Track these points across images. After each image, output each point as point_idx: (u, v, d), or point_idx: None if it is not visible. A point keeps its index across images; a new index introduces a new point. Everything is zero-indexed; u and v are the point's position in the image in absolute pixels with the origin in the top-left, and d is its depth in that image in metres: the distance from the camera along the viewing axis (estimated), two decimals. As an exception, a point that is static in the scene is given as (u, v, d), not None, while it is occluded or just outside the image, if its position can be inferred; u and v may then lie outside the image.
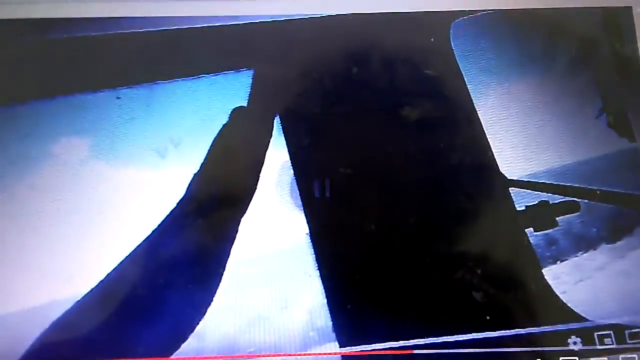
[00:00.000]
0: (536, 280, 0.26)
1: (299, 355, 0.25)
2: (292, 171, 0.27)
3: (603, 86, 0.29)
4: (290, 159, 0.27)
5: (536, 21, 0.30)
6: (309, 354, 0.25)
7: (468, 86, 0.28)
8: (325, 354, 0.25)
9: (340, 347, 0.25)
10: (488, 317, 0.25)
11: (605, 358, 0.25)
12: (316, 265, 0.25)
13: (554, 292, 0.26)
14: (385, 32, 0.29)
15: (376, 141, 0.27)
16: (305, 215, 0.26)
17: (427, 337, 0.25)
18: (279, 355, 0.25)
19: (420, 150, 0.27)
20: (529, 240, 0.26)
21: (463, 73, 0.28)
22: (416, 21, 0.29)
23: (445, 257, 0.26)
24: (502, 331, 0.25)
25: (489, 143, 0.27)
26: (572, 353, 0.25)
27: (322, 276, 0.25)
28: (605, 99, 0.28)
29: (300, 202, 0.26)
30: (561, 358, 0.25)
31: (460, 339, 0.25)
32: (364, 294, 0.26)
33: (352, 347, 0.25)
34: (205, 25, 0.28)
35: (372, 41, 0.28)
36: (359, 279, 0.26)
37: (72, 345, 0.24)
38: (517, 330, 0.25)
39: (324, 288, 0.25)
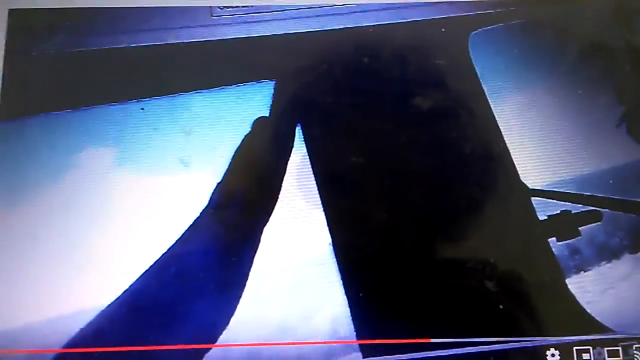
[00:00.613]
0: (559, 290, 0.26)
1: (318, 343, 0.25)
2: (313, 179, 0.27)
3: (621, 88, 0.28)
4: (312, 167, 0.27)
5: (550, 26, 0.30)
6: (327, 342, 0.25)
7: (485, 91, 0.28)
8: (343, 342, 0.25)
9: (359, 337, 0.25)
10: (508, 329, 0.25)
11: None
12: (333, 252, 0.26)
13: (578, 302, 0.26)
14: (404, 43, 0.29)
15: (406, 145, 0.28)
16: (328, 225, 0.26)
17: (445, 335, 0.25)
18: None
19: (451, 158, 0.27)
20: (552, 250, 0.26)
21: (481, 81, 0.28)
22: (438, 29, 0.29)
23: (466, 269, 0.26)
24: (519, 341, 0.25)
25: (507, 146, 0.28)
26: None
27: (338, 264, 0.26)
28: (623, 100, 0.28)
29: (323, 212, 0.26)
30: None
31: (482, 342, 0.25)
32: (380, 286, 0.26)
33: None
34: (227, 37, 0.28)
35: (393, 51, 0.29)
36: (372, 266, 0.26)
37: (96, 354, 0.24)
38: (535, 338, 0.25)
39: (340, 277, 0.25)
